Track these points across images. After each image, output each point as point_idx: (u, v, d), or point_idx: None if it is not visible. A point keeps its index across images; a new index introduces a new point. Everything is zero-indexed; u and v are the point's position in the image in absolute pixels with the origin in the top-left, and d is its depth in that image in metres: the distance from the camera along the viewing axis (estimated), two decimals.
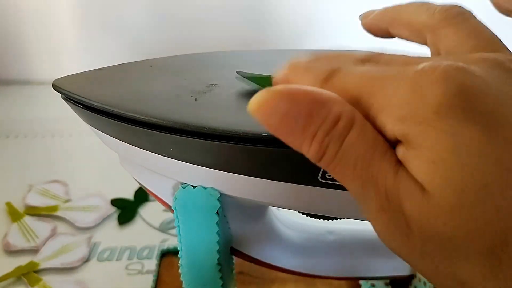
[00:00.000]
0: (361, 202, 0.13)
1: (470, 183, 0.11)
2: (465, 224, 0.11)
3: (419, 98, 0.12)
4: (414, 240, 0.12)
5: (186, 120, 0.18)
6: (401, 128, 0.12)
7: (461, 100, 0.11)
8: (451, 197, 0.11)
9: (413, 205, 0.12)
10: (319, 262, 0.28)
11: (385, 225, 0.13)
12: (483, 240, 0.11)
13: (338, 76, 0.13)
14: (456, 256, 0.12)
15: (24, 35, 0.71)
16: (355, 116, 0.12)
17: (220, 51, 0.28)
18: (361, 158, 0.12)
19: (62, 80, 0.22)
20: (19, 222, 0.42)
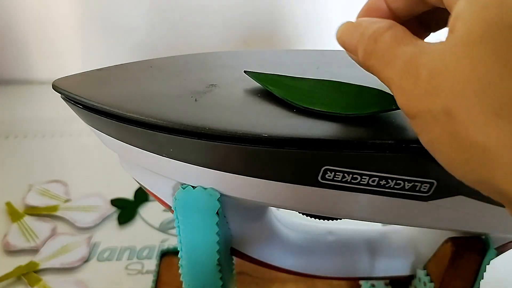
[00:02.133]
0: (392, 86, 0.16)
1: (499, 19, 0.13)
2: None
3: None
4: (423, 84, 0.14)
5: (186, 121, 0.18)
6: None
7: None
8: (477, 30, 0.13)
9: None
10: (319, 262, 0.28)
11: (407, 89, 0.15)
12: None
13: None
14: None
15: (24, 35, 0.70)
16: (388, 26, 0.17)
17: (220, 51, 0.28)
18: (387, 52, 0.16)
19: (62, 80, 0.22)
20: (19, 222, 0.42)
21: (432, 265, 0.26)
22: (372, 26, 0.17)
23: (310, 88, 0.21)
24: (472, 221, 0.21)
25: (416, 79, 0.14)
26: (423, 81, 0.14)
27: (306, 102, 0.20)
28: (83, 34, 0.71)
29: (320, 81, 0.22)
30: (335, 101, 0.20)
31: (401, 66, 0.15)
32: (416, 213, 0.20)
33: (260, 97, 0.21)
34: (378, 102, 0.19)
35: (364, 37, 0.17)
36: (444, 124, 0.14)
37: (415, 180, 0.19)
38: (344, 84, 0.21)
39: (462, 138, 0.13)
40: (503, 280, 0.36)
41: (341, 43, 0.19)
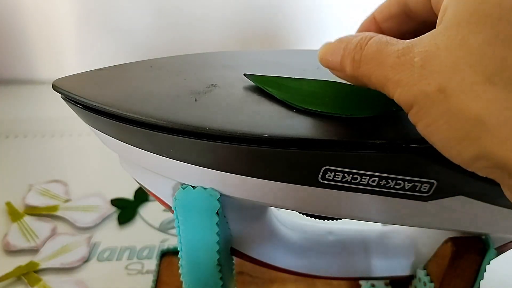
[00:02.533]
0: (384, 85, 0.16)
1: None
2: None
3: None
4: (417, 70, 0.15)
5: (186, 121, 0.18)
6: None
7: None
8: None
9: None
10: (319, 262, 0.28)
11: (402, 80, 0.15)
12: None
13: None
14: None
15: (25, 35, 0.70)
16: (372, 35, 0.17)
17: (220, 51, 0.28)
18: (376, 54, 0.16)
19: (62, 80, 0.22)
20: (19, 222, 0.42)
21: (432, 265, 0.26)
22: (355, 38, 0.18)
23: (310, 89, 0.21)
24: (472, 221, 0.21)
25: (411, 67, 0.15)
26: (417, 68, 0.15)
27: (307, 103, 0.20)
28: (83, 34, 0.71)
29: (320, 82, 0.22)
30: (336, 102, 0.20)
31: (393, 61, 0.15)
32: (416, 213, 0.21)
33: (260, 97, 0.21)
34: (379, 103, 0.19)
35: (350, 49, 0.17)
36: (440, 103, 0.14)
37: (415, 180, 0.19)
38: (345, 85, 0.21)
39: (458, 113, 0.14)
40: (503, 280, 0.36)
41: (324, 63, 0.19)
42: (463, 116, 0.13)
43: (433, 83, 0.14)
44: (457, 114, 0.14)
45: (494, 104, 0.13)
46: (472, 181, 0.19)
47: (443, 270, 0.24)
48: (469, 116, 0.13)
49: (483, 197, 0.20)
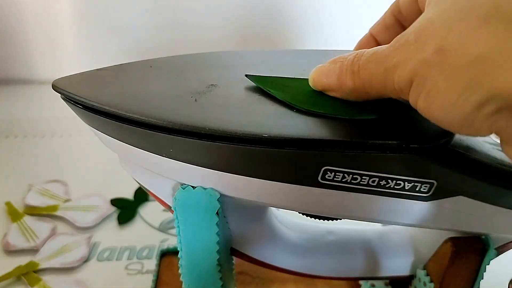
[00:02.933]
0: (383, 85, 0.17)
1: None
2: None
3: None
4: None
5: (186, 121, 0.18)
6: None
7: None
8: None
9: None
10: (319, 262, 0.28)
11: (400, 60, 0.16)
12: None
13: None
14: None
15: (25, 35, 0.70)
16: (363, 52, 0.18)
17: (220, 51, 0.28)
18: (372, 56, 0.17)
19: (62, 81, 0.22)
20: (19, 222, 0.42)
21: (432, 265, 0.26)
22: (350, 55, 0.18)
23: (311, 89, 0.21)
24: (472, 221, 0.21)
25: (406, 46, 0.15)
26: (412, 43, 0.15)
27: (308, 104, 0.20)
28: (83, 34, 0.71)
29: None
30: (337, 103, 0.20)
31: (389, 50, 0.16)
32: (416, 213, 0.21)
33: (260, 97, 0.21)
34: (380, 104, 0.19)
35: (347, 65, 0.18)
36: (438, 64, 0.14)
37: (415, 180, 0.19)
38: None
39: (458, 64, 0.14)
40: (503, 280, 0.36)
41: (319, 86, 0.20)
42: (464, 65, 0.14)
43: (429, 48, 0.14)
44: (458, 66, 0.14)
45: (494, 41, 0.13)
46: (472, 181, 0.19)
47: (443, 270, 0.24)
48: (470, 61, 0.13)
49: (483, 197, 0.20)
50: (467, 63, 0.13)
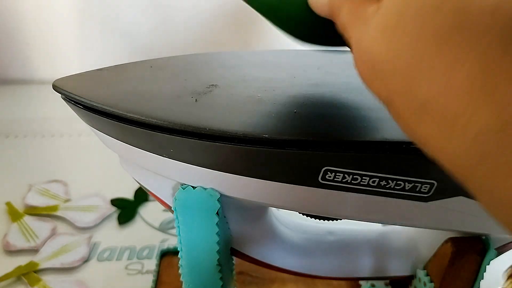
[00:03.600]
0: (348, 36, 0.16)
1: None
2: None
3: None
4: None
5: (186, 121, 0.18)
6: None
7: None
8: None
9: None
10: (319, 263, 0.28)
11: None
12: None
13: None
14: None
15: (25, 35, 0.70)
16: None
17: (220, 51, 0.28)
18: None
19: (62, 81, 0.22)
20: (19, 222, 0.42)
21: (432, 265, 0.26)
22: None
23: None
24: (472, 222, 0.21)
25: (364, 66, 0.15)
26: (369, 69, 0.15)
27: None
28: (83, 34, 0.71)
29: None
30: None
31: (354, 48, 0.16)
32: (416, 213, 0.20)
33: (260, 97, 0.21)
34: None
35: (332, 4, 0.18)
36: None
37: (415, 180, 0.19)
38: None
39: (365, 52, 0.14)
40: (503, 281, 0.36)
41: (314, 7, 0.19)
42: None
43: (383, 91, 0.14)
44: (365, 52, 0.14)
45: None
46: None
47: (443, 270, 0.24)
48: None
49: None
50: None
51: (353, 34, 0.16)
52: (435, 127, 0.12)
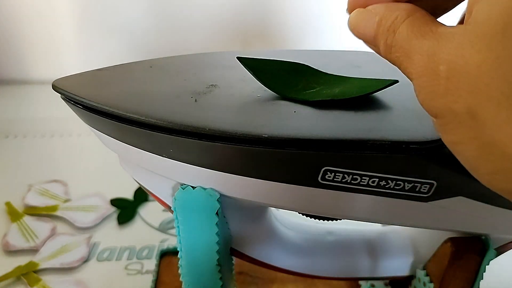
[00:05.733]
0: (407, 70, 0.15)
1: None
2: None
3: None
4: (442, 78, 0.13)
5: (186, 121, 0.18)
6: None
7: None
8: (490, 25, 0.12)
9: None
10: (318, 263, 0.28)
11: (426, 86, 0.14)
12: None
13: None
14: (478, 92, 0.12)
15: (24, 35, 0.70)
16: (407, 15, 0.15)
17: (220, 51, 0.28)
18: (405, 43, 0.15)
19: (62, 81, 0.22)
20: (19, 222, 0.42)
21: (431, 265, 0.26)
22: (390, 15, 0.16)
23: (304, 73, 0.22)
24: (472, 222, 0.22)
25: (436, 76, 0.13)
26: (442, 78, 0.13)
27: (301, 93, 0.20)
28: (83, 34, 0.71)
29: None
30: (326, 89, 0.21)
31: (419, 61, 0.14)
32: (416, 213, 0.21)
33: (260, 98, 0.21)
34: (370, 85, 0.20)
35: (384, 29, 0.16)
36: (469, 127, 0.12)
37: (415, 180, 0.19)
38: (335, 77, 0.22)
39: (491, 146, 0.12)
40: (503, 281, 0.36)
41: (356, 34, 0.18)
42: (498, 152, 0.12)
43: (461, 103, 0.12)
44: (491, 147, 0.12)
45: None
46: (472, 182, 0.19)
47: (443, 270, 0.24)
48: (505, 154, 0.12)
49: (483, 197, 0.20)
50: (501, 152, 0.12)
51: (419, 50, 0.14)
52: None
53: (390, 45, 0.16)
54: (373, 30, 0.17)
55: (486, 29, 0.12)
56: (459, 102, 0.13)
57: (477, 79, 0.12)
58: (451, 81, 0.13)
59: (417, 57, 0.14)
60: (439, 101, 0.13)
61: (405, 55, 0.15)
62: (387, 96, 0.21)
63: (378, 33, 0.16)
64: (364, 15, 0.17)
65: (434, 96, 0.13)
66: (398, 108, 0.20)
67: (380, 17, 0.16)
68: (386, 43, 0.16)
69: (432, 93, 0.13)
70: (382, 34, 0.16)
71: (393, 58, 0.16)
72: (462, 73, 0.12)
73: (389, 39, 0.16)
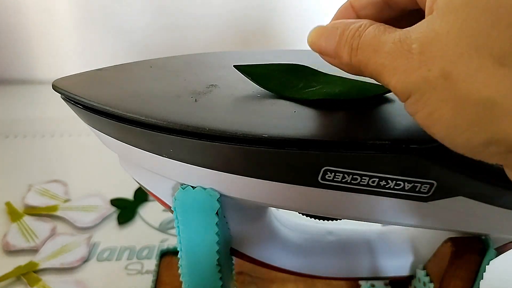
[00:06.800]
0: (381, 75, 0.16)
1: None
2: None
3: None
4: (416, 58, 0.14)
5: (186, 121, 0.18)
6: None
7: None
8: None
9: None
10: (318, 263, 0.28)
11: (399, 67, 0.15)
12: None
13: None
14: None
15: (25, 35, 0.70)
16: (371, 23, 0.17)
17: (220, 51, 0.28)
18: (373, 40, 0.16)
19: (62, 80, 0.22)
20: (19, 222, 0.42)
21: (431, 265, 0.26)
22: (353, 24, 0.17)
23: (301, 73, 0.22)
24: (472, 222, 0.22)
25: (408, 54, 0.14)
26: (416, 54, 0.14)
27: (300, 92, 0.21)
28: (83, 34, 0.71)
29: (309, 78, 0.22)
30: (327, 87, 0.20)
31: (390, 47, 0.15)
32: (416, 213, 0.21)
33: (260, 98, 0.21)
34: (371, 89, 0.20)
35: (347, 36, 0.17)
36: (443, 90, 0.14)
37: (415, 180, 0.19)
38: (335, 77, 0.22)
39: (466, 98, 0.13)
40: (503, 281, 0.36)
41: (316, 48, 0.19)
42: (473, 100, 0.13)
43: (434, 69, 0.14)
44: (465, 99, 0.13)
45: (508, 85, 0.12)
46: (472, 182, 0.19)
47: (443, 270, 0.24)
48: (480, 100, 0.13)
49: (483, 197, 0.20)
50: (475, 100, 0.13)
51: (391, 40, 0.15)
52: None
53: (356, 47, 0.17)
54: (334, 42, 0.18)
55: (452, 4, 0.14)
56: (432, 69, 0.14)
57: (447, 43, 0.13)
58: (424, 53, 0.14)
59: (387, 45, 0.15)
60: (414, 75, 0.14)
61: (374, 51, 0.16)
62: (387, 96, 0.21)
63: (341, 42, 0.17)
64: (324, 30, 0.19)
65: (409, 72, 0.14)
66: (398, 108, 0.20)
67: (342, 29, 0.18)
68: (352, 47, 0.17)
69: (407, 70, 0.14)
70: (346, 41, 0.17)
71: (359, 59, 0.17)
72: (433, 44, 0.14)
73: (355, 43, 0.17)
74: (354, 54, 0.17)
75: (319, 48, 0.19)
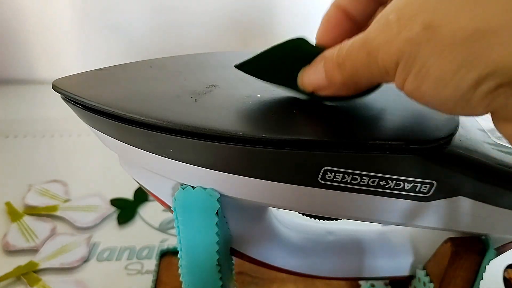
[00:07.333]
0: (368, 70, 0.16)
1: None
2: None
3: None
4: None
5: (186, 121, 0.18)
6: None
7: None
8: None
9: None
10: (318, 263, 0.28)
11: (382, 42, 0.15)
12: None
13: None
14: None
15: (25, 35, 0.70)
16: (345, 43, 0.17)
17: (220, 51, 0.28)
18: (354, 43, 0.16)
19: (61, 80, 0.22)
20: (19, 222, 0.42)
21: (431, 265, 0.26)
22: (333, 49, 0.18)
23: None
24: (472, 222, 0.22)
25: (387, 27, 0.14)
26: (393, 22, 0.14)
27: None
28: (83, 34, 0.71)
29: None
30: None
31: (369, 32, 0.15)
32: (416, 213, 0.21)
33: (260, 98, 0.21)
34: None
35: (332, 59, 0.18)
36: (427, 42, 0.13)
37: (415, 180, 0.19)
38: None
39: (451, 41, 0.13)
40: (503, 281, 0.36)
41: (310, 87, 0.19)
42: (459, 39, 0.13)
43: (415, 26, 0.14)
44: (452, 41, 0.13)
45: (492, 11, 0.12)
46: (472, 182, 0.19)
47: (443, 270, 0.24)
48: (467, 36, 0.13)
49: (483, 197, 0.20)
50: (462, 38, 0.13)
51: (376, 27, 0.15)
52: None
53: (342, 62, 0.17)
54: (322, 71, 0.18)
55: None
56: (413, 27, 0.14)
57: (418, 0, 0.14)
58: (402, 18, 0.14)
59: (367, 34, 0.15)
60: (396, 42, 0.14)
61: (358, 48, 0.16)
62: (387, 96, 0.21)
63: (328, 66, 0.18)
64: (309, 67, 0.19)
65: (391, 41, 0.14)
66: (398, 108, 0.20)
67: (324, 57, 0.18)
68: (339, 64, 0.17)
69: (389, 40, 0.14)
70: (332, 62, 0.18)
71: (349, 70, 0.17)
72: (408, 5, 0.14)
73: (340, 59, 0.17)
74: (343, 68, 0.17)
75: (312, 84, 0.19)
